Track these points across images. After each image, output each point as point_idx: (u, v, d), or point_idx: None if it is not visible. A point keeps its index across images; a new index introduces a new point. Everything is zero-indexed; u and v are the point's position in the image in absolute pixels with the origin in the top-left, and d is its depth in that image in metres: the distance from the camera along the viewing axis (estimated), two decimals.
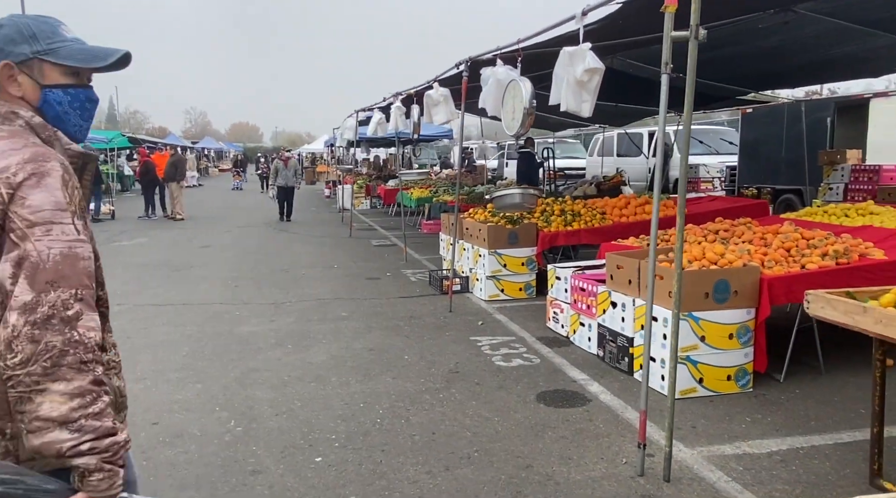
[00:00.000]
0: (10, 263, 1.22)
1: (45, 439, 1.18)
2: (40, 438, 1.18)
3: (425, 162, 30.99)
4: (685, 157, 2.94)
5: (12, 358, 1.18)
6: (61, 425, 1.18)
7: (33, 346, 1.18)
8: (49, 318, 1.20)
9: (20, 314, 1.19)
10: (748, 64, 8.39)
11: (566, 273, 5.47)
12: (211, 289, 7.68)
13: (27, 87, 1.40)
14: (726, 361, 4.12)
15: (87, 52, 1.44)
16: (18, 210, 1.24)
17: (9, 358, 1.18)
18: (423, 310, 6.57)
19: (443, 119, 7.45)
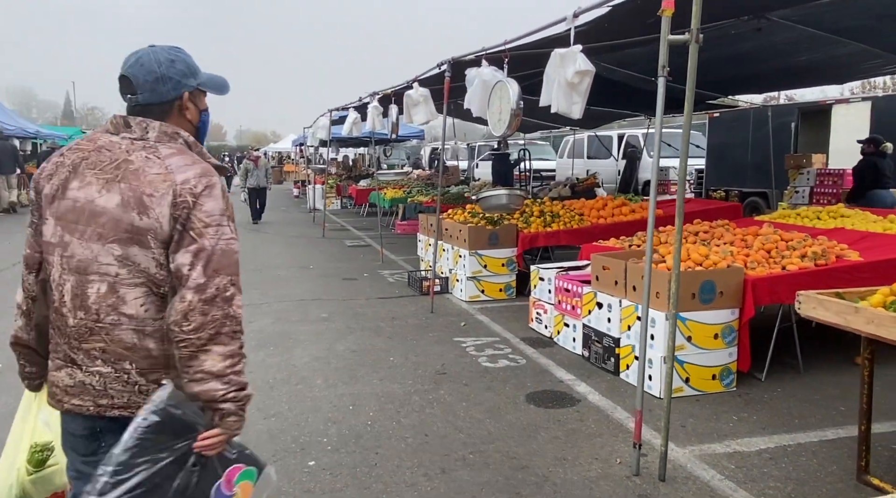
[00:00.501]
0: (189, 254, 1.60)
1: (204, 387, 1.59)
2: (201, 386, 1.59)
3: (394, 162, 30.91)
4: (684, 158, 2.98)
5: (187, 326, 1.57)
6: (217, 378, 1.59)
7: (203, 317, 1.57)
8: (214, 297, 1.59)
9: (194, 293, 1.58)
10: (720, 69, 8.56)
11: (550, 274, 5.50)
12: None
13: (193, 112, 1.79)
14: (711, 361, 4.20)
15: (217, 81, 1.86)
16: (198, 214, 1.62)
17: (184, 325, 1.57)
18: (403, 311, 6.53)
19: (423, 119, 7.42)
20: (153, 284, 1.66)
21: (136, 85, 1.71)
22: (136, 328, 1.66)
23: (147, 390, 1.67)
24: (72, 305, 1.67)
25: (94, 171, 1.67)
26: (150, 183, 1.63)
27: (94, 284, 1.65)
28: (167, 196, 1.62)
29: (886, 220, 5.52)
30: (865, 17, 6.11)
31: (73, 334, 1.68)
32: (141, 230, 1.62)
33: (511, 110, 4.71)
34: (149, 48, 1.76)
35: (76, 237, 1.66)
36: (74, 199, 1.67)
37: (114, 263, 1.64)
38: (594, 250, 5.87)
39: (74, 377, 1.68)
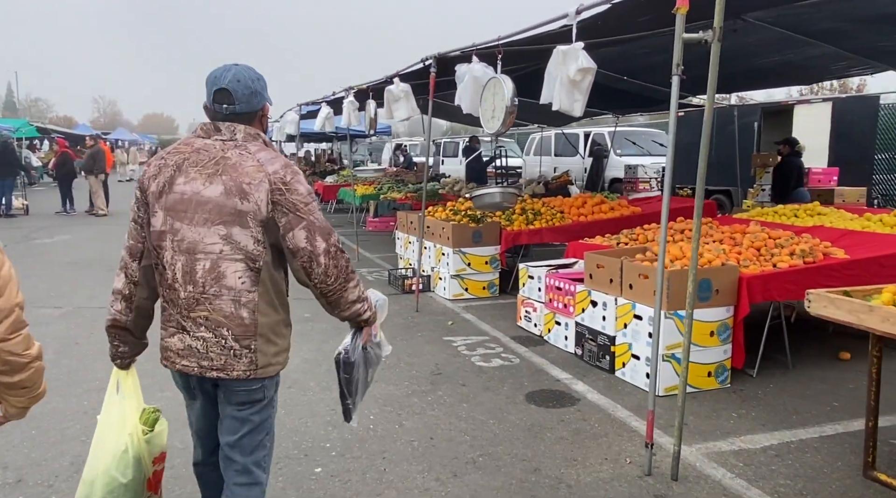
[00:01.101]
0: (304, 231, 1.98)
1: (352, 311, 2.15)
2: (350, 311, 2.15)
3: (358, 159, 30.58)
4: (705, 154, 2.97)
5: (329, 279, 2.03)
6: (358, 302, 2.15)
7: (336, 270, 2.03)
8: (335, 253, 2.03)
9: (325, 256, 2.00)
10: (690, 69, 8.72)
11: (540, 272, 5.48)
12: None
13: (266, 120, 2.16)
14: (707, 358, 4.24)
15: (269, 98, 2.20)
16: (294, 197, 1.98)
17: (328, 281, 2.03)
18: (388, 310, 6.42)
19: (404, 115, 7.31)
20: (250, 260, 2.00)
21: (235, 97, 2.05)
22: (234, 299, 1.99)
23: (240, 355, 2.02)
24: (182, 280, 2.01)
25: (197, 168, 2.01)
26: (247, 174, 1.98)
27: (200, 262, 1.99)
28: (264, 184, 1.97)
29: (863, 218, 5.68)
30: (840, 20, 6.26)
31: (183, 305, 2.02)
32: (242, 213, 1.97)
33: (506, 107, 4.66)
34: (242, 66, 2.11)
35: (185, 223, 2.00)
36: (182, 193, 2.01)
37: (218, 242, 1.98)
38: (581, 248, 5.89)
39: (184, 342, 2.04)
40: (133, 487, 2.21)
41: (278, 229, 1.99)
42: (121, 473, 2.17)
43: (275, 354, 2.10)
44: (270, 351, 2.07)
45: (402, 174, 16.70)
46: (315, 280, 2.04)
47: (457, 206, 7.67)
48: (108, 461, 2.16)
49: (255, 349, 2.02)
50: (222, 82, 2.04)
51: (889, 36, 6.78)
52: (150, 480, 2.29)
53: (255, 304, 2.01)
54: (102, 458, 2.18)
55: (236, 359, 2.01)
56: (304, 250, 2.00)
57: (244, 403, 2.08)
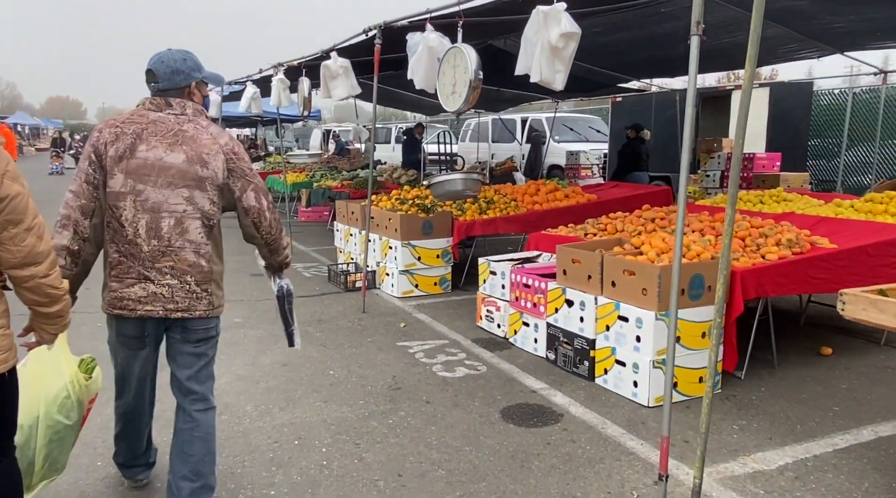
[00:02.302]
0: (252, 193, 2.46)
1: (284, 254, 2.68)
2: (282, 255, 2.68)
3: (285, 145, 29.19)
4: (741, 132, 2.47)
5: (273, 231, 2.55)
6: (287, 248, 2.69)
7: (276, 224, 2.56)
8: (274, 209, 2.54)
9: (269, 212, 2.51)
10: (636, 51, 8.37)
11: (503, 267, 4.94)
12: None
13: (198, 97, 2.50)
14: (699, 362, 3.82)
15: (214, 76, 2.61)
16: (243, 165, 2.45)
17: (272, 232, 2.54)
18: (331, 311, 5.75)
19: (343, 94, 6.59)
20: (206, 218, 2.37)
21: (158, 76, 2.37)
22: (195, 250, 2.35)
23: (201, 297, 2.38)
24: (146, 235, 2.30)
25: (157, 138, 2.32)
26: (205, 145, 2.35)
27: (165, 219, 2.30)
28: (219, 154, 2.37)
29: (833, 204, 5.45)
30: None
31: (147, 257, 2.31)
32: (203, 179, 2.34)
33: (469, 81, 4.07)
34: (173, 50, 2.44)
35: (149, 185, 2.29)
36: (145, 158, 2.30)
37: (182, 203, 2.31)
38: (546, 240, 5.40)
39: (148, 290, 2.32)
40: (76, 427, 2.44)
41: (232, 193, 2.43)
42: (65, 415, 2.35)
43: (222, 297, 2.53)
44: (220, 294, 2.51)
45: (335, 161, 15.84)
46: (262, 232, 2.52)
47: (403, 195, 7.03)
48: (49, 406, 2.31)
49: (211, 292, 2.43)
50: (149, 64, 2.41)
51: (845, 16, 6.62)
52: (83, 417, 2.51)
53: (210, 255, 2.41)
54: (39, 404, 2.31)
55: (198, 300, 2.39)
56: (255, 208, 2.46)
57: (201, 339, 2.47)
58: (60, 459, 2.39)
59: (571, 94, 12.96)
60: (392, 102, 14.28)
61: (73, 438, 2.44)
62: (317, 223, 11.62)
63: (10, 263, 1.77)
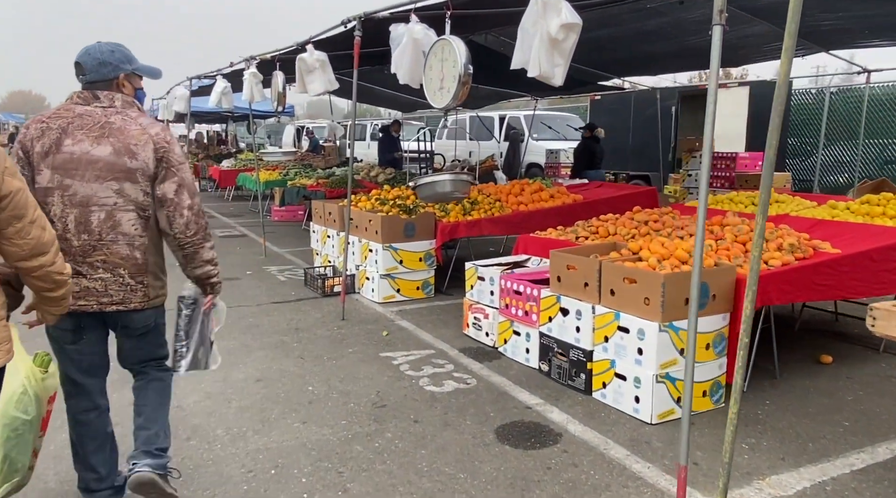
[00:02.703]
0: (174, 185, 2.38)
1: (203, 270, 2.51)
2: (202, 269, 2.51)
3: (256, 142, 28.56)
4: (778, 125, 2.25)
5: (189, 232, 2.41)
6: (209, 263, 2.52)
7: (196, 225, 2.42)
8: (198, 211, 2.43)
9: (188, 210, 2.39)
10: (619, 48, 8.19)
11: (492, 273, 4.69)
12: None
13: (129, 89, 2.47)
14: (702, 375, 3.62)
15: (149, 69, 2.56)
16: (172, 156, 2.40)
17: (187, 232, 2.40)
18: (308, 319, 5.43)
19: (320, 89, 6.27)
20: (140, 210, 2.39)
21: (85, 68, 2.40)
22: (129, 243, 2.38)
23: (135, 289, 2.41)
24: (76, 230, 2.33)
25: (83, 131, 2.33)
26: (133, 136, 2.36)
27: (95, 213, 2.33)
28: (149, 144, 2.37)
29: (827, 206, 5.31)
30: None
31: (77, 252, 2.33)
32: (132, 170, 2.35)
33: (458, 75, 3.80)
34: (101, 42, 2.46)
35: (77, 180, 2.31)
36: (71, 153, 2.32)
37: (112, 196, 2.34)
38: (535, 243, 5.16)
39: (80, 284, 2.34)
40: (35, 422, 2.34)
41: (154, 179, 2.37)
42: (22, 411, 2.28)
43: (160, 287, 2.51)
44: (158, 285, 2.49)
45: (309, 158, 15.44)
46: (176, 230, 2.39)
47: (383, 195, 6.73)
48: (6, 405, 2.24)
49: (147, 284, 2.43)
50: (77, 57, 2.39)
51: (834, 13, 6.50)
52: (43, 418, 2.42)
53: (145, 246, 2.40)
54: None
55: (132, 293, 2.39)
56: (172, 201, 2.37)
57: (142, 333, 2.51)
58: (20, 460, 2.30)
59: (551, 91, 12.79)
60: (367, 98, 13.94)
61: (32, 436, 2.34)
62: (291, 223, 11.24)
63: (18, 256, 1.82)
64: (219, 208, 13.52)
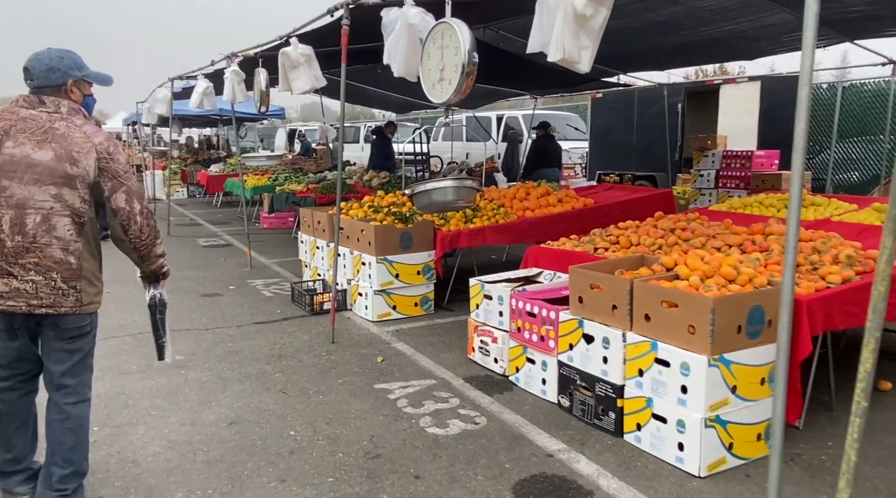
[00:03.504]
0: (124, 194, 2.44)
1: (157, 264, 2.64)
2: (155, 264, 2.63)
3: (248, 145, 27.94)
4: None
5: (143, 236, 2.51)
6: (162, 257, 2.65)
7: (149, 228, 2.52)
8: (148, 214, 2.52)
9: (140, 216, 2.48)
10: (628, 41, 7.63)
11: (500, 291, 4.11)
12: None
13: (77, 95, 2.52)
14: (756, 416, 3.05)
15: (100, 76, 2.64)
16: (116, 166, 2.44)
17: (142, 237, 2.51)
18: (294, 342, 4.85)
19: (305, 86, 5.69)
20: (76, 216, 2.40)
21: (33, 73, 2.45)
22: (63, 248, 2.39)
23: (67, 294, 2.40)
24: (10, 231, 2.34)
25: (25, 134, 2.36)
26: (76, 143, 2.38)
27: (31, 216, 2.34)
28: (91, 153, 2.40)
29: (871, 209, 4.76)
30: None
31: (10, 253, 2.34)
32: (72, 176, 2.37)
33: (462, 65, 3.24)
34: (52, 49, 2.51)
35: (15, 182, 2.33)
36: (11, 155, 2.34)
37: (49, 200, 2.35)
38: (545, 255, 4.60)
39: (10, 285, 2.35)
40: None
41: (103, 192, 2.44)
42: None
43: (95, 294, 2.52)
44: (92, 291, 2.50)
45: (300, 162, 14.85)
46: (131, 235, 2.50)
47: (377, 202, 6.16)
48: None
49: (80, 289, 2.45)
50: (25, 62, 2.47)
51: None
52: None
53: (80, 252, 2.44)
54: None
55: (64, 297, 2.41)
56: (124, 210, 2.46)
57: (74, 337, 2.49)
58: None
59: (552, 89, 12.23)
60: (359, 99, 13.35)
61: None
62: (281, 231, 10.65)
63: None
64: (206, 215, 12.93)
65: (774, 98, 10.94)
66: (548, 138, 10.46)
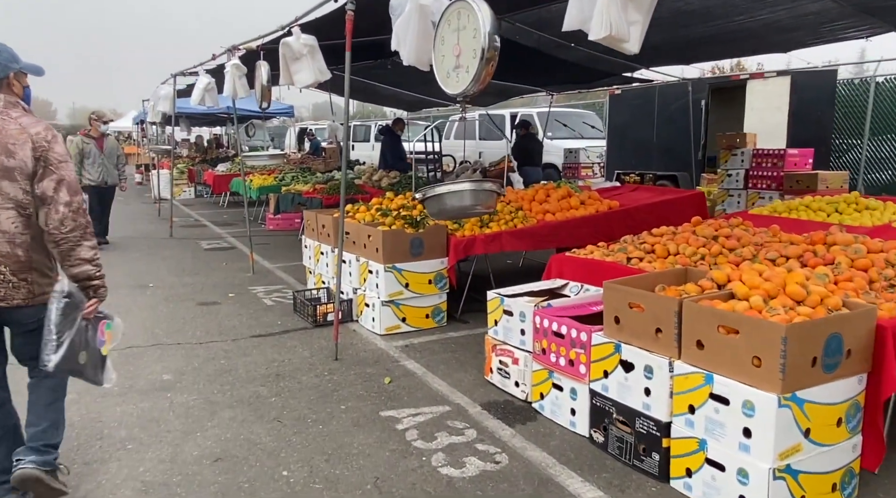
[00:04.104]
0: (53, 182, 2.41)
1: (81, 269, 2.47)
2: (79, 268, 2.47)
3: (257, 144, 27.60)
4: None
5: (64, 229, 2.41)
6: (89, 262, 2.49)
7: (74, 223, 2.43)
8: (78, 209, 2.45)
9: (65, 207, 2.41)
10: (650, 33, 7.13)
11: (522, 306, 3.65)
12: None
13: (18, 88, 2.55)
14: (832, 463, 2.57)
15: (33, 66, 2.63)
16: (52, 155, 2.43)
17: (62, 229, 2.41)
18: (294, 359, 4.41)
19: (308, 79, 5.26)
20: (20, 208, 2.42)
21: None
22: (9, 241, 2.41)
23: (18, 286, 2.44)
24: None
25: None
26: (11, 136, 2.39)
27: None
28: (28, 143, 2.40)
29: None
30: None
31: None
32: (10, 169, 2.38)
33: (481, 50, 2.78)
34: None
35: None
36: None
37: None
38: (570, 265, 4.14)
39: None
40: None
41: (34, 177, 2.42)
42: None
43: (48, 284, 2.50)
44: (45, 282, 2.51)
45: (308, 161, 14.45)
46: (51, 225, 2.41)
47: (385, 204, 5.71)
48: None
49: (31, 281, 2.47)
50: None
51: None
52: None
53: (28, 243, 2.45)
54: None
55: (15, 290, 2.43)
56: (49, 197, 2.41)
57: (33, 331, 2.48)
58: None
59: (569, 86, 11.74)
60: (369, 97, 12.91)
61: None
62: (287, 232, 10.24)
63: None
64: (211, 216, 12.55)
65: (805, 94, 10.38)
66: (529, 137, 10.49)
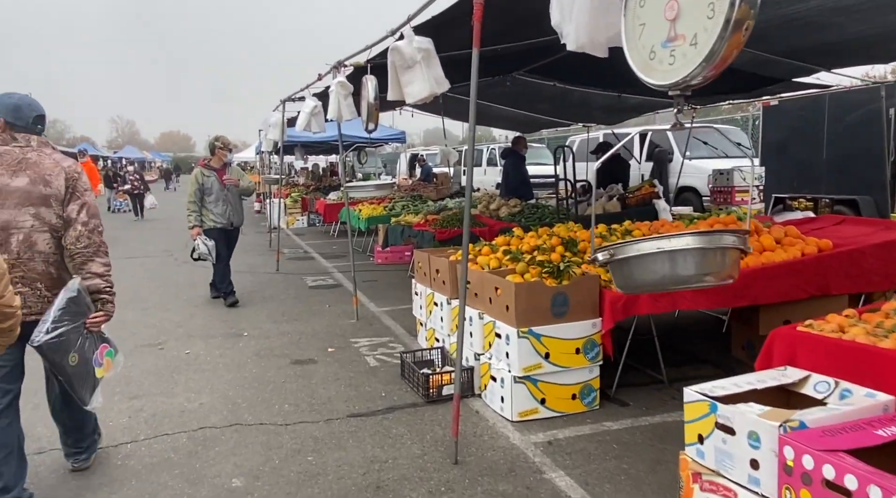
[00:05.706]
0: (77, 205, 2.85)
1: (92, 282, 2.86)
2: (90, 281, 2.85)
3: (370, 171, 27.49)
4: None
5: (80, 244, 2.82)
6: (100, 276, 2.89)
7: (88, 240, 2.84)
8: (93, 229, 2.88)
9: (82, 226, 2.83)
10: (828, 26, 5.41)
11: (756, 423, 2.30)
12: None
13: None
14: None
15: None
16: (79, 184, 2.89)
17: (77, 244, 2.81)
18: (400, 458, 3.30)
19: (423, 92, 4.22)
20: (53, 231, 2.82)
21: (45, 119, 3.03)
22: (45, 260, 2.81)
23: (51, 300, 2.75)
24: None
25: (2, 167, 2.76)
26: (48, 168, 2.83)
27: (14, 235, 2.74)
28: (62, 174, 2.85)
29: None
30: None
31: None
32: (47, 196, 2.79)
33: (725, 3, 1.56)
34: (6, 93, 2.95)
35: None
36: None
37: (29, 219, 2.76)
38: (806, 345, 2.77)
39: None
40: None
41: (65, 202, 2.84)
42: None
43: None
44: None
45: (420, 188, 13.63)
46: (68, 241, 2.82)
47: (514, 245, 4.53)
48: None
49: (46, 289, 2.81)
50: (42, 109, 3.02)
51: None
52: None
53: (58, 263, 2.85)
54: None
55: (49, 304, 2.75)
56: (73, 219, 2.83)
57: None
58: None
59: (717, 98, 10.10)
60: (482, 118, 11.81)
61: None
62: (397, 266, 9.33)
63: None
64: (321, 247, 11.97)
65: None
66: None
